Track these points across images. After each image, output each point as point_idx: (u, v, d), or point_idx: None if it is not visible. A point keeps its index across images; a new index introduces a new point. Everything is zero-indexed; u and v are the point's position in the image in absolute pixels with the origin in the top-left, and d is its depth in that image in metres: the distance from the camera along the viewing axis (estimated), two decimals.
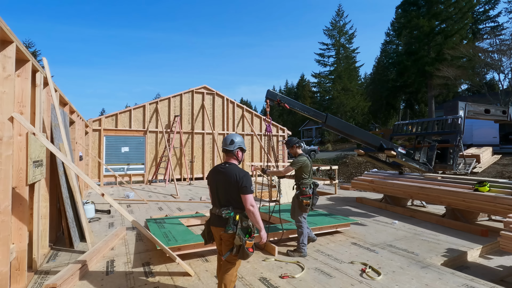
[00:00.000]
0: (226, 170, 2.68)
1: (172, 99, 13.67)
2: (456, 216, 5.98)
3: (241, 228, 2.56)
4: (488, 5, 33.55)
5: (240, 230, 2.54)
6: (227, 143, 2.80)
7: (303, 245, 4.20)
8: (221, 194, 2.68)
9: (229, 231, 2.53)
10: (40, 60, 19.06)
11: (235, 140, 2.78)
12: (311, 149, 29.60)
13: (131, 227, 5.62)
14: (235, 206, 2.61)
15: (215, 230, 2.72)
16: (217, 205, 2.71)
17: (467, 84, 30.73)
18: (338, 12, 42.04)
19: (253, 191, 2.51)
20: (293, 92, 70.32)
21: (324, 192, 10.31)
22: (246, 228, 2.58)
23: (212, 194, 2.80)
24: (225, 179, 2.63)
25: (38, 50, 35.40)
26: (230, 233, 2.53)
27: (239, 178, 2.58)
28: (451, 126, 6.65)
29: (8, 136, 2.84)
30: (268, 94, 5.46)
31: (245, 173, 2.62)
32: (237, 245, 2.51)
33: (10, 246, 2.83)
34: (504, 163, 14.81)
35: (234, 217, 2.57)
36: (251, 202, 2.55)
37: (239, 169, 2.67)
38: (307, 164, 4.34)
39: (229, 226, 2.55)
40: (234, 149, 2.78)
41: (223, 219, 2.60)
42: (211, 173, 2.81)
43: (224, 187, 2.64)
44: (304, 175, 4.33)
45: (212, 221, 2.74)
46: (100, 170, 11.91)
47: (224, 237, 2.62)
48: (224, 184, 2.64)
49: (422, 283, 3.33)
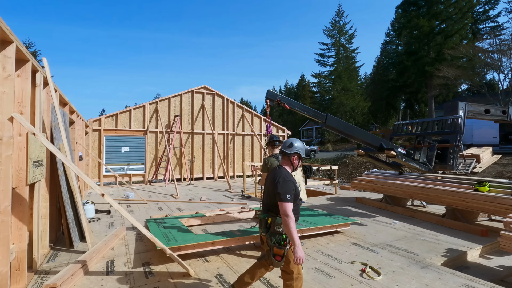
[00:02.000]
0: (274, 172, 2.64)
1: (172, 99, 13.67)
2: (456, 216, 5.98)
3: (272, 233, 2.46)
4: (488, 5, 33.55)
5: (271, 234, 2.46)
6: (285, 145, 2.73)
7: None
8: (264, 194, 2.70)
9: (263, 233, 2.51)
10: (40, 60, 19.07)
11: (294, 145, 2.68)
12: (311, 149, 29.61)
13: (131, 227, 5.62)
14: (271, 209, 2.55)
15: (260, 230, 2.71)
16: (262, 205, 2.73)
17: (467, 84, 30.71)
18: (338, 12, 42.07)
19: (289, 199, 2.37)
20: (293, 92, 70.33)
21: (324, 192, 10.31)
22: (279, 235, 2.44)
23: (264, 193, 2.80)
24: (270, 180, 2.60)
25: (38, 50, 35.44)
26: (263, 235, 2.50)
27: (277, 182, 2.47)
28: (451, 126, 6.65)
29: (8, 136, 2.83)
30: (268, 94, 5.46)
31: (286, 180, 2.48)
32: (267, 250, 2.47)
33: (10, 246, 2.83)
34: (504, 163, 14.82)
35: (266, 220, 2.52)
36: (284, 211, 2.36)
37: (284, 173, 2.55)
38: (271, 165, 4.05)
39: (263, 228, 2.53)
40: (290, 152, 2.66)
41: (260, 220, 2.61)
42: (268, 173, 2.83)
43: (267, 188, 2.63)
44: None
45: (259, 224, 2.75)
46: (100, 170, 11.91)
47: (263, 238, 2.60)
48: (268, 185, 2.63)
49: (422, 283, 3.33)
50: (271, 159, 4.15)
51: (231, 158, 15.05)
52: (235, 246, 4.45)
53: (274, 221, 2.47)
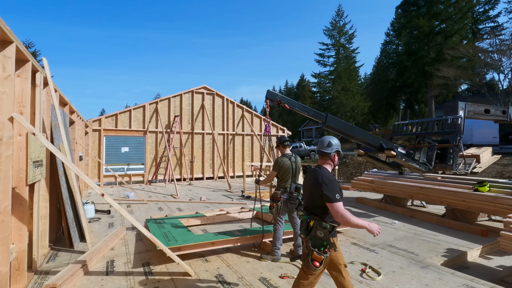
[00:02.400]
0: (315, 173, 2.49)
1: (172, 99, 13.67)
2: (456, 216, 5.98)
3: (314, 237, 2.34)
4: (488, 5, 33.55)
5: (312, 238, 2.34)
6: (324, 145, 2.60)
7: (276, 249, 4.04)
8: (305, 196, 2.59)
9: (302, 235, 2.42)
10: (40, 60, 19.07)
11: (333, 143, 2.59)
12: (311, 149, 29.60)
13: (131, 227, 5.62)
14: (313, 211, 2.44)
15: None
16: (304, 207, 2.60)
17: (467, 84, 30.72)
18: (338, 12, 42.05)
19: (338, 198, 2.26)
20: (293, 92, 70.34)
21: None
22: (321, 240, 2.32)
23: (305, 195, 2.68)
24: (311, 182, 2.48)
25: (38, 50, 35.43)
26: (302, 237, 2.41)
27: (322, 183, 2.34)
28: (451, 126, 6.65)
29: (8, 136, 2.83)
30: (268, 94, 5.46)
31: (331, 179, 2.37)
32: (305, 253, 2.37)
33: (10, 246, 2.83)
34: (504, 163, 14.82)
35: (308, 222, 2.41)
36: (336, 213, 2.24)
37: (326, 174, 2.44)
38: (283, 165, 4.11)
39: (303, 230, 2.44)
40: (331, 152, 2.57)
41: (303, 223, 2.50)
42: (307, 173, 2.68)
43: (309, 190, 2.51)
44: (281, 176, 4.14)
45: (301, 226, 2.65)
46: (100, 170, 11.91)
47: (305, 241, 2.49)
48: (309, 187, 2.51)
49: (422, 283, 3.33)
50: (283, 159, 4.16)
51: (231, 158, 15.05)
52: (235, 246, 4.45)
53: (316, 225, 2.36)
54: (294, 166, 4.17)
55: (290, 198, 4.04)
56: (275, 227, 4.11)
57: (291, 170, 4.14)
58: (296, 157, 4.27)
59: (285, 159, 4.15)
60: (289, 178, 4.14)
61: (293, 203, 4.03)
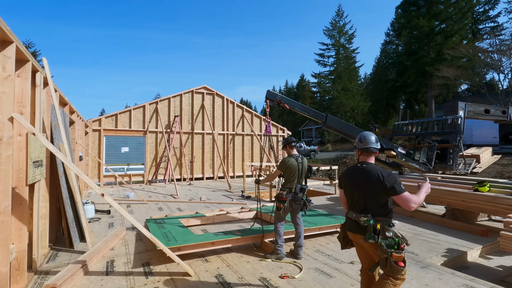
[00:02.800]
0: (366, 170, 2.36)
1: (172, 99, 13.67)
2: (456, 216, 5.98)
3: (384, 239, 2.21)
4: (488, 5, 33.55)
5: (383, 241, 2.20)
6: (372, 141, 2.47)
7: (279, 247, 4.06)
8: (358, 197, 2.39)
9: (370, 240, 2.23)
10: (40, 60, 19.07)
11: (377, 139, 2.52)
12: (311, 149, 29.61)
13: (131, 227, 5.62)
14: (375, 212, 2.29)
15: (353, 236, 2.45)
16: (354, 209, 2.42)
17: (467, 84, 30.74)
18: (338, 12, 42.08)
19: (404, 188, 2.24)
20: (293, 92, 70.34)
21: (324, 192, 10.31)
22: (392, 239, 2.21)
23: (347, 196, 2.52)
24: (365, 180, 2.33)
25: (38, 50, 35.44)
26: (371, 242, 2.24)
27: (384, 178, 2.24)
28: (451, 126, 6.65)
29: (8, 136, 2.83)
30: (268, 95, 5.46)
31: (389, 172, 2.31)
32: (382, 258, 2.20)
33: (10, 246, 2.83)
34: (504, 163, 14.82)
35: (374, 226, 2.25)
36: (411, 201, 2.18)
37: (381, 169, 2.35)
38: (290, 165, 4.11)
39: (369, 235, 2.24)
40: (379, 147, 2.49)
41: (361, 226, 2.31)
42: (347, 173, 2.52)
43: (363, 189, 2.34)
44: (287, 177, 4.15)
45: (349, 226, 2.46)
46: (100, 170, 11.91)
47: (365, 246, 2.35)
48: (363, 186, 2.34)
49: (422, 283, 3.33)
50: (290, 159, 4.16)
51: (231, 158, 15.05)
52: (235, 246, 4.45)
53: (383, 226, 2.24)
54: (300, 167, 4.17)
55: (295, 199, 4.04)
56: (276, 225, 4.13)
57: (298, 171, 4.14)
58: (303, 158, 4.27)
59: (292, 159, 4.16)
60: (295, 178, 4.14)
61: (298, 204, 4.04)
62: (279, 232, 4.11)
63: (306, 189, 4.20)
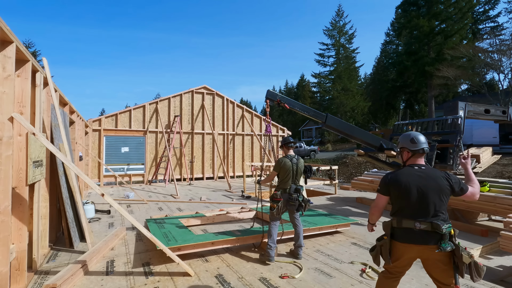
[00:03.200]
0: (430, 173, 2.21)
1: (172, 99, 13.67)
2: (456, 216, 5.98)
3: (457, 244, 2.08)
4: (488, 5, 33.56)
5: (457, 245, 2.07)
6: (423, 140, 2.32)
7: (269, 248, 3.94)
8: (427, 203, 2.14)
9: (448, 248, 2.05)
10: (40, 60, 19.06)
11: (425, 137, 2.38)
12: (311, 149, 29.62)
13: (131, 227, 5.62)
14: (444, 217, 2.14)
15: (416, 249, 2.14)
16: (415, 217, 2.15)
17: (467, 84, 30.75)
18: (338, 12, 42.10)
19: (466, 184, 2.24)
20: (293, 92, 70.34)
21: (324, 192, 10.31)
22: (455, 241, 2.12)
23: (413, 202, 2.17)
24: (432, 184, 2.16)
25: (38, 50, 35.45)
26: (449, 250, 2.05)
27: (451, 181, 2.17)
28: (451, 126, 6.64)
29: (8, 136, 2.83)
30: (268, 94, 5.46)
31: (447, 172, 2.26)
32: (467, 263, 2.04)
33: (10, 246, 2.83)
34: (504, 163, 14.82)
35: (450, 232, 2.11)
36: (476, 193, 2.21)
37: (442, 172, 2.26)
38: (284, 165, 4.08)
39: (446, 243, 2.06)
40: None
41: (435, 235, 2.08)
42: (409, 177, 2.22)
43: (434, 194, 2.14)
44: (282, 177, 4.11)
45: (409, 238, 2.15)
46: (100, 170, 11.91)
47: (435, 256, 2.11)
48: (430, 191, 2.15)
49: (422, 283, 3.33)
50: (285, 159, 4.13)
51: (231, 158, 15.05)
52: (235, 246, 4.45)
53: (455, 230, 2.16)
54: (295, 168, 4.14)
55: (290, 199, 4.01)
56: (269, 226, 4.07)
57: (292, 171, 4.12)
58: (298, 159, 4.24)
59: (286, 159, 4.13)
60: (290, 179, 4.11)
61: (293, 205, 4.00)
62: (270, 233, 4.03)
63: (302, 189, 4.13)
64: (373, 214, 2.51)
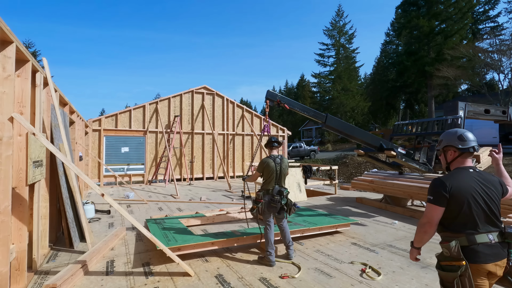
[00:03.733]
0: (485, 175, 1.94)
1: (172, 99, 13.67)
2: None
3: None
4: (488, 5, 33.60)
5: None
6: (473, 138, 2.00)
7: (268, 254, 3.84)
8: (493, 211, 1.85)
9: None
10: (40, 60, 19.06)
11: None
12: (311, 149, 29.62)
13: (131, 227, 5.62)
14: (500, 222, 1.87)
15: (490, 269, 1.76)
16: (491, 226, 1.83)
17: (467, 84, 30.76)
18: (338, 12, 42.12)
19: None
20: (293, 92, 70.34)
21: (324, 192, 10.31)
22: None
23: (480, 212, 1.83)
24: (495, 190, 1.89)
25: (38, 50, 35.47)
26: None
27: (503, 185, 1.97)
28: (451, 126, 6.64)
29: (8, 136, 2.83)
30: (268, 95, 5.46)
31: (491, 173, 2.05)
32: None
33: (10, 246, 2.83)
34: (504, 163, 14.81)
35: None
36: None
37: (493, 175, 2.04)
38: (267, 166, 3.99)
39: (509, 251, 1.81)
40: None
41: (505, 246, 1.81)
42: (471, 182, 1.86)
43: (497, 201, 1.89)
44: (265, 178, 4.04)
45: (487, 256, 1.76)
46: (100, 170, 11.91)
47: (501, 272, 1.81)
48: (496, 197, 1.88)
49: (422, 283, 3.33)
50: (268, 160, 4.06)
51: (231, 158, 15.05)
52: (235, 246, 4.45)
53: None
54: (278, 168, 4.03)
55: (272, 201, 3.89)
56: (265, 231, 4.01)
57: (275, 172, 4.01)
58: (282, 159, 4.13)
59: (269, 160, 4.03)
60: (273, 180, 4.01)
61: (274, 207, 3.89)
62: (266, 237, 3.95)
63: (285, 191, 4.00)
64: (426, 232, 1.92)
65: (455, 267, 1.76)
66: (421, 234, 1.96)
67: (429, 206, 1.90)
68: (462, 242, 1.79)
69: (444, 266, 1.84)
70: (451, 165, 2.07)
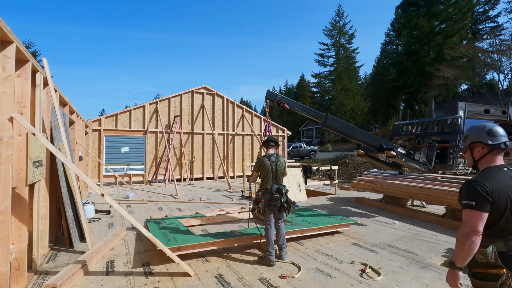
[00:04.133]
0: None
1: (172, 99, 13.67)
2: (456, 216, 5.97)
3: None
4: (488, 5, 33.60)
5: None
6: (503, 133, 1.81)
7: (269, 254, 3.84)
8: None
9: None
10: (40, 61, 19.06)
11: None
12: (311, 149, 29.63)
13: (131, 227, 5.62)
14: None
15: None
16: None
17: (467, 84, 30.77)
18: (338, 13, 42.14)
19: None
20: (293, 92, 70.36)
21: (324, 192, 10.31)
22: None
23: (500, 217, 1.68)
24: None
25: (38, 51, 35.48)
26: None
27: None
28: (451, 126, 6.65)
29: (8, 137, 2.83)
30: (268, 95, 5.46)
31: None
32: None
33: (10, 246, 2.83)
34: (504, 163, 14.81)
35: None
36: None
37: None
38: (262, 165, 4.01)
39: None
40: None
41: None
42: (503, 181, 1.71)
43: None
44: (262, 177, 4.03)
45: None
46: (100, 170, 11.91)
47: None
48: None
49: (422, 283, 3.33)
50: (263, 158, 4.09)
51: (231, 158, 15.05)
52: (235, 246, 4.45)
53: None
54: (274, 166, 4.03)
55: (271, 199, 3.89)
56: (265, 231, 4.03)
57: (271, 170, 4.01)
58: (277, 157, 4.13)
59: (265, 158, 4.06)
60: (270, 178, 4.01)
61: (274, 205, 3.89)
62: (267, 237, 3.95)
63: (284, 189, 4.02)
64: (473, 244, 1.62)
65: (493, 275, 1.62)
66: (466, 248, 1.63)
67: (471, 213, 1.64)
68: (499, 247, 1.65)
69: (478, 274, 1.68)
70: (479, 164, 1.87)
